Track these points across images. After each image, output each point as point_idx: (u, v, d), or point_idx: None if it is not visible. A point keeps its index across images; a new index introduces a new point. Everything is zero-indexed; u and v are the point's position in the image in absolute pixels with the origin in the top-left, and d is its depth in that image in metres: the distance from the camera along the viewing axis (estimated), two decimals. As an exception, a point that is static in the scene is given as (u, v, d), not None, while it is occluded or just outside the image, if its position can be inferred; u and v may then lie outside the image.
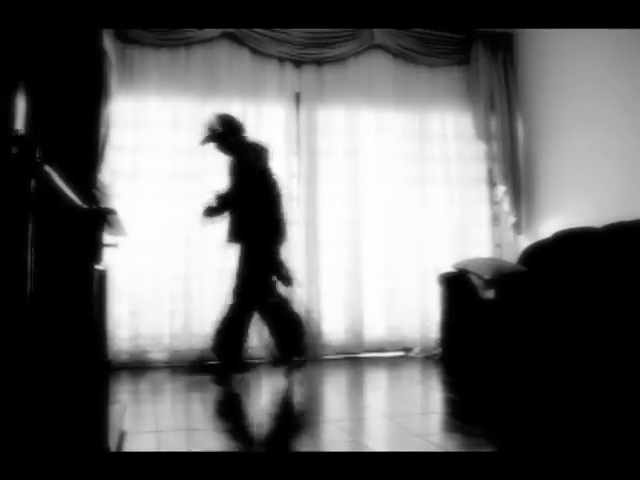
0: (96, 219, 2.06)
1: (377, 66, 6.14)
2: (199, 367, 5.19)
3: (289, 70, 5.95)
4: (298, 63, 5.96)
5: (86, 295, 1.87)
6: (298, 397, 4.28)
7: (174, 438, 3.01)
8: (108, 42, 4.83)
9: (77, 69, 2.04)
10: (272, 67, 5.91)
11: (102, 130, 2.44)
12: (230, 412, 3.82)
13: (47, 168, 1.30)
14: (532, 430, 3.02)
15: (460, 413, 3.57)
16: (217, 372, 4.89)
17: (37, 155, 1.27)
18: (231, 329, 4.89)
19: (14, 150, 1.16)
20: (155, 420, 3.38)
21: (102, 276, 2.34)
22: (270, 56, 5.87)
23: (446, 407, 3.88)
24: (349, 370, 5.18)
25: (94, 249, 2.09)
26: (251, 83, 5.82)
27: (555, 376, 3.97)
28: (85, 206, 1.90)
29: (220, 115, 5.09)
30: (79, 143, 2.02)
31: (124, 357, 5.24)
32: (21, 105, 1.27)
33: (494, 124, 6.30)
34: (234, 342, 4.90)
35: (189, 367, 5.22)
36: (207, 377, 4.76)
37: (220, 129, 5.02)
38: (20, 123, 1.24)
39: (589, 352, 3.72)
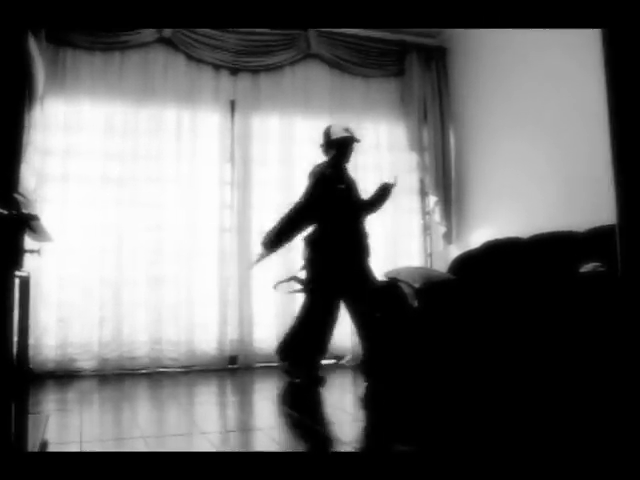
0: (16, 224, 2.02)
1: (313, 75, 6.18)
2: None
3: (225, 77, 5.95)
4: (234, 70, 5.96)
5: (3, 302, 1.83)
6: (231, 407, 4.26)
7: (99, 448, 2.96)
8: (38, 43, 4.74)
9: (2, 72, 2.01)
10: (208, 74, 5.90)
11: (26, 133, 2.39)
12: (160, 419, 3.78)
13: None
14: (446, 430, 3.08)
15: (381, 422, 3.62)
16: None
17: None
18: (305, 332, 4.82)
19: None
20: (80, 430, 3.31)
21: (24, 282, 2.30)
22: (206, 63, 5.86)
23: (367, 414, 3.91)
24: (281, 378, 5.17)
25: (14, 255, 2.05)
26: (186, 89, 5.79)
27: (476, 381, 4.06)
28: (4, 211, 1.86)
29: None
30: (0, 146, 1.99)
31: (51, 365, 5.13)
32: None
33: (426, 135, 6.42)
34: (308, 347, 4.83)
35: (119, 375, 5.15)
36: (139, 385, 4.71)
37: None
38: None
39: (508, 355, 3.82)
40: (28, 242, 2.34)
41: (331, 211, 4.84)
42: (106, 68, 5.59)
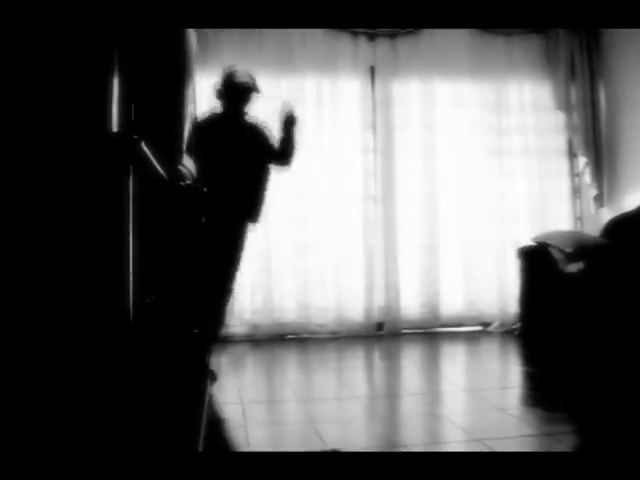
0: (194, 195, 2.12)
1: (452, 37, 6.02)
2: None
3: (363, 44, 5.92)
4: (372, 36, 5.91)
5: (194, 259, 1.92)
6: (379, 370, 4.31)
7: (258, 410, 3.08)
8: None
9: (163, 49, 2.08)
10: (346, 41, 5.88)
11: (188, 108, 2.48)
12: (311, 383, 3.88)
13: (144, 147, 1.34)
14: (614, 409, 2.96)
15: (540, 388, 3.53)
16: None
17: (134, 135, 1.31)
18: None
19: (113, 132, 1.20)
20: (239, 393, 3.46)
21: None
22: (343, 30, 5.84)
23: (526, 381, 3.84)
24: (426, 344, 5.17)
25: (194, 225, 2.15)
26: (325, 58, 5.81)
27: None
28: (177, 183, 1.95)
29: None
30: (167, 122, 2.07)
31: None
32: (115, 86, 1.30)
33: (574, 93, 6.12)
34: None
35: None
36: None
37: None
38: (115, 105, 1.28)
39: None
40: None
41: (207, 159, 3.91)
42: (245, 39, 5.69)
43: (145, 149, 1.36)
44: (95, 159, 1.19)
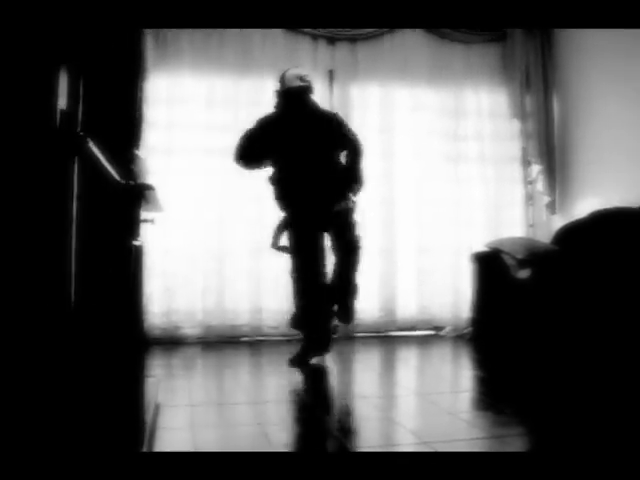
0: (135, 195, 2.08)
1: (411, 43, 6.07)
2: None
3: (323, 47, 5.93)
4: (332, 40, 5.93)
5: (125, 271, 1.89)
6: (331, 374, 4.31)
7: (207, 412, 3.04)
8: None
9: (117, 47, 2.05)
10: (306, 44, 5.89)
11: (139, 106, 2.45)
12: (262, 385, 3.86)
13: (90, 143, 1.31)
14: (563, 411, 3.00)
15: (491, 392, 3.56)
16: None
17: (79, 130, 1.28)
18: None
19: (57, 125, 1.17)
20: (189, 394, 3.42)
21: (139, 252, 2.37)
22: (304, 33, 5.84)
23: (477, 386, 3.88)
24: (380, 348, 5.19)
25: (132, 225, 2.11)
26: (285, 60, 5.78)
27: (587, 357, 3.95)
28: (123, 182, 1.91)
29: None
30: (118, 119, 2.04)
31: (157, 332, 5.31)
32: (63, 81, 1.27)
33: (529, 101, 6.22)
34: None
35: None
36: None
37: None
38: (62, 99, 1.25)
39: (623, 334, 3.69)
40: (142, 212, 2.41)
41: (281, 153, 4.50)
42: (206, 40, 5.67)
43: (92, 146, 1.34)
44: (37, 154, 1.16)
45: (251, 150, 4.52)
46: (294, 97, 4.53)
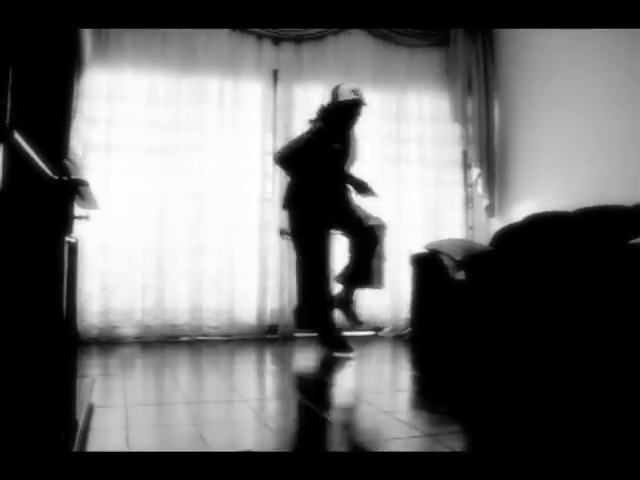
0: (67, 190, 2.04)
1: (356, 45, 6.11)
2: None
3: (267, 47, 5.91)
4: (276, 40, 5.92)
5: (55, 267, 1.85)
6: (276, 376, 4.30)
7: (143, 412, 3.00)
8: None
9: (50, 39, 2.01)
10: (250, 43, 5.87)
11: (74, 102, 2.40)
12: (200, 386, 3.83)
13: (17, 135, 1.28)
14: (496, 409, 3.06)
15: (427, 391, 3.61)
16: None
17: (6, 122, 1.26)
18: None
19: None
20: (124, 394, 3.37)
21: (73, 248, 2.32)
22: (248, 32, 5.82)
23: (414, 385, 3.92)
24: (319, 348, 5.19)
25: (64, 221, 2.07)
26: (229, 59, 5.77)
27: (521, 355, 4.03)
28: (56, 177, 1.88)
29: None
30: (50, 114, 2.00)
31: (94, 332, 5.22)
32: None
33: (470, 106, 6.32)
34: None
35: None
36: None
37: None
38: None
39: (553, 331, 3.77)
40: (76, 208, 2.36)
41: (314, 166, 4.82)
42: (149, 37, 5.60)
43: (19, 138, 1.31)
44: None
45: (297, 157, 4.80)
46: (347, 110, 4.77)
